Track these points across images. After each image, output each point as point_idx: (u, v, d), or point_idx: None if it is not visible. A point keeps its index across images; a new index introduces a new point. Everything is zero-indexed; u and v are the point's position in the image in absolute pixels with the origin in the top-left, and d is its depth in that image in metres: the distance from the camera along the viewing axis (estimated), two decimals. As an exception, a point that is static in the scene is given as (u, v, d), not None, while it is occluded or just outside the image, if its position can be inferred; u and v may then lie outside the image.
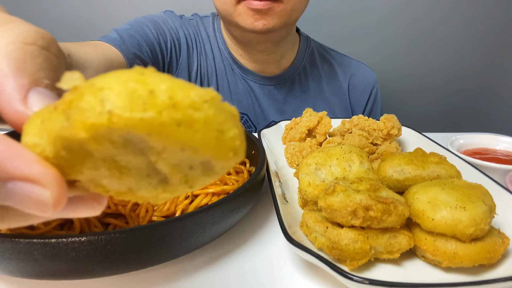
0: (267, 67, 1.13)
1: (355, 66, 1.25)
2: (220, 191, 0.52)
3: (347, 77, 1.22)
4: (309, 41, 1.22)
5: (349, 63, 1.25)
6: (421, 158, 0.54)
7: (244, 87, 1.14)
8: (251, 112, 1.14)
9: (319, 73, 1.21)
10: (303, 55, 1.19)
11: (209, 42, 1.14)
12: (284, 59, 1.15)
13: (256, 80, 1.14)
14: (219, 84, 1.13)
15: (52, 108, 0.18)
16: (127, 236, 0.38)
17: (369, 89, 1.23)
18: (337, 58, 1.25)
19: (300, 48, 1.19)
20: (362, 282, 0.38)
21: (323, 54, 1.24)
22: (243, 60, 1.12)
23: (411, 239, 0.44)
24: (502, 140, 0.81)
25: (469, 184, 0.46)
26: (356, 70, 1.24)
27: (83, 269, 0.38)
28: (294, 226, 0.48)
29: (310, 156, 0.54)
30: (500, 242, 0.43)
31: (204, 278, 0.45)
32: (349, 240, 0.41)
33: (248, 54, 1.10)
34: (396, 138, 0.77)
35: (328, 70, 1.22)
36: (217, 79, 1.13)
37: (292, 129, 0.78)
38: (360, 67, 1.26)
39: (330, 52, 1.26)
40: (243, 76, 1.13)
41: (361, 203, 0.41)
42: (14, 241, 0.36)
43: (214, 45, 1.13)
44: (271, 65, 1.13)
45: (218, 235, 0.48)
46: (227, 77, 1.13)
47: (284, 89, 1.16)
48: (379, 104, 1.25)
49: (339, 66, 1.23)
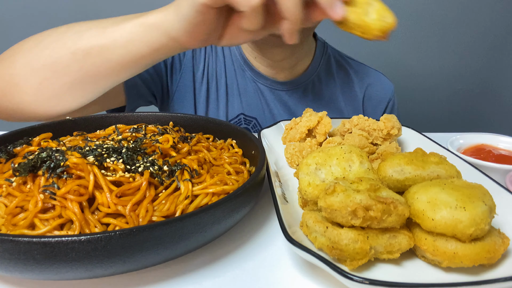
0: (280, 72, 1.10)
1: (373, 76, 1.20)
2: (220, 191, 0.52)
3: (363, 87, 1.18)
4: (326, 47, 1.18)
5: (367, 72, 1.20)
6: (421, 158, 0.54)
7: (254, 90, 1.11)
8: (261, 116, 1.11)
9: (334, 80, 1.16)
10: (319, 61, 1.14)
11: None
12: (298, 65, 1.11)
13: (267, 84, 1.10)
14: (228, 85, 1.10)
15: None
16: (127, 236, 0.38)
17: (385, 101, 1.18)
18: (354, 66, 1.20)
19: (316, 54, 1.14)
20: (362, 282, 0.38)
21: (339, 61, 1.19)
22: (256, 63, 1.09)
23: (411, 239, 0.44)
24: (502, 140, 0.81)
25: (469, 184, 0.46)
26: (374, 80, 1.19)
27: (83, 269, 0.38)
28: (294, 226, 0.48)
29: (310, 156, 0.54)
30: (500, 242, 0.43)
31: (204, 278, 0.45)
32: (349, 240, 0.41)
33: (263, 57, 1.05)
34: (396, 138, 0.77)
35: (343, 78, 1.18)
36: (227, 80, 1.10)
37: (292, 129, 0.78)
38: (378, 77, 1.21)
39: (347, 60, 1.21)
40: (253, 79, 1.10)
41: (361, 203, 0.41)
42: (14, 241, 0.36)
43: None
44: (285, 70, 1.10)
45: (218, 235, 0.48)
46: (237, 78, 1.10)
47: (296, 95, 1.12)
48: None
49: (356, 75, 1.19)
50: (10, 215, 0.45)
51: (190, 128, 0.73)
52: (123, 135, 0.62)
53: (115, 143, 0.58)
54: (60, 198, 0.45)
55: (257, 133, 0.78)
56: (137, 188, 0.48)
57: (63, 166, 0.48)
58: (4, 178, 0.49)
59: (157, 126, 0.66)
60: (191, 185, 0.52)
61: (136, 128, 0.65)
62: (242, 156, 0.66)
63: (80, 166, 0.48)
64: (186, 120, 0.74)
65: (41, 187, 0.46)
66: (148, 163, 0.52)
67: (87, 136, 0.64)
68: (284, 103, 1.11)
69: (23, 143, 0.58)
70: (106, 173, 0.49)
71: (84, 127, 0.70)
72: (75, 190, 0.45)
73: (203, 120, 0.74)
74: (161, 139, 0.59)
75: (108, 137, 0.62)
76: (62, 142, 0.60)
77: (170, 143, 0.59)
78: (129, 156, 0.53)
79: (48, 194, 0.45)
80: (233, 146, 0.70)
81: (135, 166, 0.51)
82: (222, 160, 0.63)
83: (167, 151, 0.58)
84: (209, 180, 0.53)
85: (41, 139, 0.60)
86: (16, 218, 0.45)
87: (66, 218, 0.44)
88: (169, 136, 0.60)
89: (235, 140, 0.70)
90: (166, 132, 0.63)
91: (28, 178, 0.48)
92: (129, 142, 0.59)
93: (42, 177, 0.48)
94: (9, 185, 0.48)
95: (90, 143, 0.58)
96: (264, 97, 1.11)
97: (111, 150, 0.53)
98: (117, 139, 0.60)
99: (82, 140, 0.62)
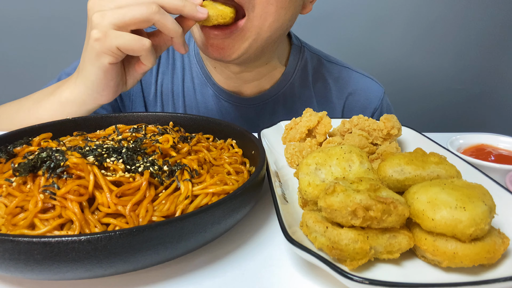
0: (243, 85, 0.96)
1: (356, 83, 1.05)
2: (220, 191, 0.52)
3: (342, 97, 1.04)
4: (302, 51, 1.02)
5: (349, 79, 1.05)
6: (421, 158, 0.54)
7: (217, 108, 0.98)
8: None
9: (310, 92, 1.02)
10: (293, 70, 0.99)
11: (180, 57, 0.98)
12: (265, 77, 0.96)
13: (231, 100, 0.97)
14: (186, 105, 0.99)
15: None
16: (127, 236, 0.38)
17: (370, 110, 1.05)
18: (334, 72, 1.05)
19: (289, 62, 0.99)
20: (362, 282, 0.38)
21: (317, 69, 1.04)
22: (217, 75, 0.96)
23: (411, 239, 0.44)
24: (502, 140, 0.81)
25: (469, 184, 0.46)
26: (357, 87, 1.04)
27: (83, 269, 0.38)
28: (294, 226, 0.48)
29: (310, 156, 0.54)
30: (500, 242, 0.43)
31: (204, 278, 0.45)
32: (349, 240, 0.41)
33: (221, 66, 0.93)
34: (396, 138, 0.77)
35: (320, 89, 1.03)
36: (185, 100, 0.99)
37: (292, 129, 0.78)
38: (363, 83, 1.05)
39: (327, 65, 1.06)
40: (216, 95, 0.97)
41: (361, 203, 0.41)
42: (14, 241, 0.36)
43: (186, 58, 0.98)
44: (248, 83, 0.96)
45: (218, 235, 0.48)
46: (196, 97, 0.98)
47: (265, 111, 0.98)
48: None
49: (335, 83, 1.04)
50: (10, 215, 0.45)
51: (190, 128, 0.73)
52: (123, 135, 0.62)
53: (115, 143, 0.58)
54: (60, 198, 0.45)
55: (257, 133, 0.78)
56: (137, 188, 0.48)
57: (63, 166, 0.48)
58: (4, 178, 0.49)
59: (157, 126, 0.66)
60: (191, 185, 0.52)
61: (136, 128, 0.65)
62: (242, 156, 0.66)
63: (80, 166, 0.48)
64: (186, 120, 0.74)
65: (41, 187, 0.46)
66: (148, 163, 0.52)
67: (87, 136, 0.64)
68: (250, 120, 0.99)
69: (23, 143, 0.58)
70: (106, 173, 0.49)
71: (84, 127, 0.70)
72: (75, 190, 0.45)
73: (203, 120, 0.74)
74: (161, 139, 0.59)
75: (108, 137, 0.62)
76: (62, 142, 0.60)
77: (170, 143, 0.59)
78: (129, 156, 0.53)
79: (48, 194, 0.45)
80: (233, 146, 0.70)
81: (135, 166, 0.51)
82: (222, 160, 0.63)
83: (167, 151, 0.58)
84: (209, 180, 0.53)
85: (41, 139, 0.60)
86: (16, 218, 0.45)
87: (66, 218, 0.44)
88: (169, 136, 0.60)
89: (235, 140, 0.70)
90: (166, 132, 0.63)
91: (28, 178, 0.48)
92: (129, 142, 0.59)
93: (42, 177, 0.48)
94: (9, 185, 0.48)
95: (90, 143, 0.58)
96: (228, 114, 0.99)
97: (111, 150, 0.53)
98: (117, 139, 0.60)
99: (82, 140, 0.62)
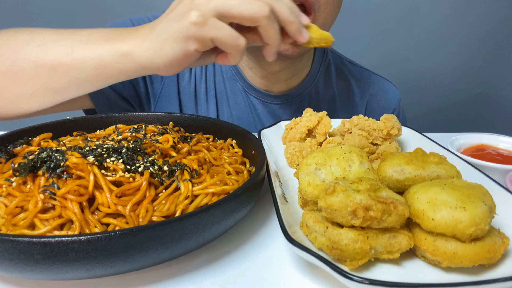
0: (275, 84, 1.01)
1: (377, 84, 1.11)
2: (220, 191, 0.52)
3: (365, 97, 1.10)
4: (325, 52, 1.09)
5: (370, 80, 1.11)
6: (421, 158, 0.54)
7: (245, 102, 1.03)
8: (252, 130, 1.00)
9: (333, 92, 1.08)
10: (317, 70, 1.05)
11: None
12: (295, 76, 1.03)
13: (259, 96, 1.02)
14: (218, 98, 1.02)
15: None
16: (127, 236, 0.38)
17: (389, 111, 1.10)
18: (357, 74, 1.11)
19: (314, 61, 1.05)
20: (362, 282, 0.38)
21: (340, 69, 1.10)
22: (251, 73, 1.00)
23: (411, 239, 0.44)
24: (502, 140, 0.81)
25: (469, 184, 0.46)
26: (377, 89, 1.11)
27: (83, 269, 0.38)
28: (294, 226, 0.48)
29: (310, 156, 0.54)
30: (500, 242, 0.43)
31: (204, 278, 0.45)
32: (349, 240, 0.41)
33: (260, 67, 0.97)
34: (396, 138, 0.77)
35: (344, 88, 1.09)
36: (216, 92, 1.02)
37: (292, 129, 0.78)
38: (383, 85, 1.12)
39: (349, 66, 1.12)
40: (245, 90, 1.02)
41: (361, 203, 0.41)
42: (14, 241, 0.36)
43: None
44: (280, 82, 1.02)
45: (218, 235, 0.48)
46: (226, 91, 1.02)
47: (291, 109, 1.04)
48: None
49: (358, 84, 1.10)
50: (10, 215, 0.45)
51: (190, 128, 0.73)
52: (123, 135, 0.62)
53: (115, 143, 0.58)
54: (60, 198, 0.45)
55: (257, 133, 0.78)
56: (137, 188, 0.48)
57: (63, 166, 0.48)
58: (4, 178, 0.49)
59: (157, 126, 0.66)
60: (191, 185, 0.52)
61: (136, 128, 0.65)
62: (242, 156, 0.66)
63: (80, 166, 0.48)
64: (186, 120, 0.74)
65: (41, 187, 0.46)
66: (148, 163, 0.52)
67: (87, 136, 0.64)
68: (277, 117, 1.04)
69: (23, 143, 0.58)
70: (106, 173, 0.49)
71: (84, 127, 0.70)
72: (75, 190, 0.45)
73: (203, 120, 0.74)
74: (161, 139, 0.59)
75: (108, 137, 0.62)
76: (62, 142, 0.60)
77: (170, 143, 0.59)
78: (129, 156, 0.53)
79: (48, 194, 0.45)
80: (233, 146, 0.70)
81: (135, 166, 0.51)
82: (222, 160, 0.63)
83: (167, 151, 0.58)
84: (209, 180, 0.53)
85: (41, 139, 0.60)
86: (16, 218, 0.45)
87: (66, 218, 0.44)
88: (169, 136, 0.60)
89: (235, 140, 0.70)
90: (166, 132, 0.63)
91: (28, 178, 0.48)
92: (129, 142, 0.59)
93: (42, 177, 0.48)
94: (9, 185, 0.48)
95: (90, 143, 0.58)
96: (255, 110, 1.04)
97: (111, 150, 0.53)
98: (117, 139, 0.60)
99: (82, 140, 0.62)
